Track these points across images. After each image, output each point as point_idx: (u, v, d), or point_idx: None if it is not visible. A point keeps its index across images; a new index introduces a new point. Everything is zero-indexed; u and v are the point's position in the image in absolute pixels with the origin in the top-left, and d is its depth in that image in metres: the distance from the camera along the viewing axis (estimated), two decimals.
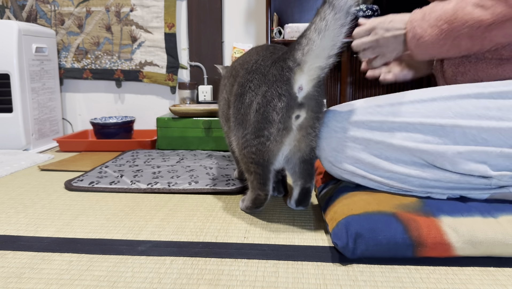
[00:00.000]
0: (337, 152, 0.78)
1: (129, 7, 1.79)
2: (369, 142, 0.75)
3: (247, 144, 0.78)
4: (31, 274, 0.63)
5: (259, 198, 0.83)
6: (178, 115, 1.54)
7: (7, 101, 1.53)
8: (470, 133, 0.71)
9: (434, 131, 0.72)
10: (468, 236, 0.65)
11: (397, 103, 0.75)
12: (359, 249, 0.65)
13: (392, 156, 0.74)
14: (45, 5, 1.82)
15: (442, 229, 0.66)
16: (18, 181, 1.15)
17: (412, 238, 0.65)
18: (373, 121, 0.75)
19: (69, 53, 1.85)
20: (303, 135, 0.78)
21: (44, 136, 1.68)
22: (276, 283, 0.60)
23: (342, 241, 0.66)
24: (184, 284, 0.60)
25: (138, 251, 0.70)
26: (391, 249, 0.65)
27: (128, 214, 0.88)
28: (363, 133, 0.76)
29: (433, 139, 0.72)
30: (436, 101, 0.74)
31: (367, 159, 0.76)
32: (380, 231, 0.66)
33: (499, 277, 0.61)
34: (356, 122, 0.76)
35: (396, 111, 0.75)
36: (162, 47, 1.80)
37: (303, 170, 0.83)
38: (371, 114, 0.76)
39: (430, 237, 0.65)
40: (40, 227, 0.81)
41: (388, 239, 0.65)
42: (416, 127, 0.73)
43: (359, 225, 0.67)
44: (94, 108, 1.93)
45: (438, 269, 0.64)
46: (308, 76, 0.73)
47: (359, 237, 0.66)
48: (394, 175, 0.75)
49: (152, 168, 1.25)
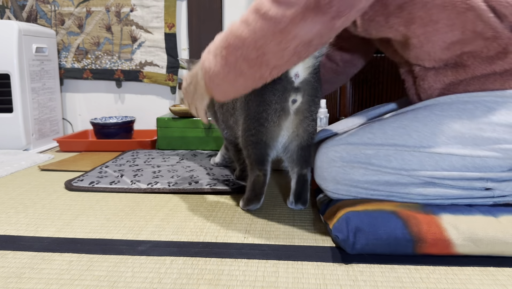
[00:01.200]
0: (338, 181, 0.77)
1: (129, 7, 1.79)
2: (367, 169, 0.75)
3: (248, 128, 0.82)
4: (31, 274, 0.63)
5: (257, 179, 0.84)
6: (178, 115, 1.54)
7: (7, 101, 1.53)
8: (467, 159, 0.71)
9: (430, 157, 0.73)
10: (468, 233, 0.65)
11: (390, 129, 0.76)
12: (359, 243, 0.66)
13: (392, 179, 0.75)
14: (45, 5, 1.82)
15: (442, 225, 0.66)
16: (18, 181, 1.15)
17: (412, 233, 0.65)
18: (368, 149, 0.75)
19: (69, 53, 1.85)
20: (301, 120, 0.82)
21: (44, 136, 1.68)
22: (276, 283, 0.60)
23: (343, 234, 0.67)
24: (184, 284, 0.60)
25: (138, 251, 0.70)
26: (391, 244, 0.66)
27: (128, 214, 0.88)
28: (361, 161, 0.75)
29: (429, 166, 0.73)
30: (427, 126, 0.73)
31: (366, 182, 0.76)
32: (380, 225, 0.67)
33: (499, 277, 0.61)
34: (353, 150, 0.76)
35: (389, 138, 0.75)
36: (162, 47, 1.80)
37: (300, 156, 0.85)
38: (365, 145, 0.76)
39: (430, 233, 0.65)
40: (40, 227, 0.81)
41: (388, 233, 0.66)
42: (412, 154, 0.73)
43: (359, 220, 0.68)
44: (94, 108, 1.93)
45: (438, 269, 0.64)
46: (303, 64, 0.77)
47: (359, 231, 0.66)
48: (394, 194, 0.76)
49: (152, 167, 1.25)
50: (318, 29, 0.60)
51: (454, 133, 0.71)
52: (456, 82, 0.75)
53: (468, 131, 0.70)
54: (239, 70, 0.66)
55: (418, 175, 0.73)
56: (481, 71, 0.72)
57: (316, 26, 0.59)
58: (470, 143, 0.70)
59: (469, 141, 0.70)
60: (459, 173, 0.71)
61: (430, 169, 0.72)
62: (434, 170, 0.72)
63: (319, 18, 0.58)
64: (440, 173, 0.72)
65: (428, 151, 0.72)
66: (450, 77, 0.75)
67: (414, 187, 0.74)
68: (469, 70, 0.72)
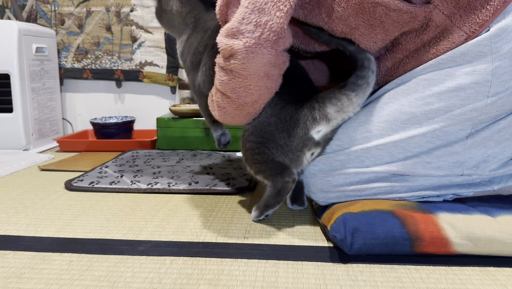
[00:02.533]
0: (324, 191, 0.78)
1: (129, 7, 1.79)
2: (346, 174, 0.76)
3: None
4: (31, 274, 0.63)
5: (286, 186, 0.78)
6: (178, 115, 1.54)
7: (7, 101, 1.53)
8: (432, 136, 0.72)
9: (396, 146, 0.73)
10: (466, 232, 0.65)
11: (351, 130, 0.76)
12: (357, 243, 0.66)
13: (371, 177, 0.75)
14: (45, 5, 1.82)
15: (439, 224, 0.66)
16: (18, 181, 1.15)
17: (410, 232, 0.66)
18: (340, 155, 0.76)
19: (69, 53, 1.85)
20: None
21: (44, 136, 1.68)
22: (276, 283, 0.60)
23: (340, 234, 0.67)
24: (184, 284, 0.60)
25: (138, 251, 0.70)
26: (388, 244, 0.66)
27: (128, 214, 0.88)
28: (337, 168, 0.76)
29: (399, 155, 0.73)
30: (382, 118, 0.74)
31: (350, 184, 0.76)
32: (377, 225, 0.67)
33: (499, 277, 0.61)
34: (328, 160, 0.77)
35: (353, 140, 0.75)
36: (162, 47, 1.80)
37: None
38: (336, 152, 0.76)
39: (427, 231, 0.66)
40: (40, 227, 0.81)
41: (386, 233, 0.66)
42: (379, 148, 0.74)
43: (357, 221, 0.68)
44: (94, 108, 1.93)
45: (438, 269, 0.64)
46: (331, 127, 0.76)
47: (356, 231, 0.67)
48: (380, 190, 0.76)
49: (152, 168, 1.25)
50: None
51: (407, 116, 0.72)
52: (396, 65, 0.76)
53: (418, 109, 0.71)
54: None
55: (390, 169, 0.74)
56: (414, 45, 0.73)
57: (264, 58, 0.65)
58: (425, 119, 0.71)
59: (423, 118, 0.71)
60: (429, 153, 0.72)
61: (401, 158, 0.73)
62: (405, 157, 0.73)
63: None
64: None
65: (391, 141, 0.72)
66: (390, 61, 0.76)
67: (395, 180, 0.74)
68: (403, 48, 0.74)
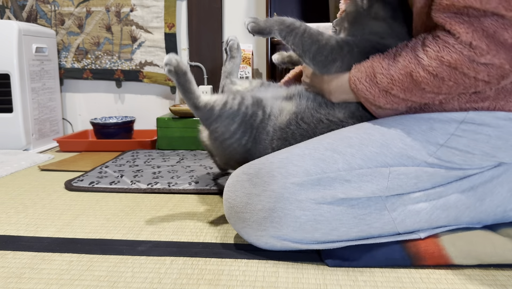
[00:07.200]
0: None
1: (129, 7, 1.79)
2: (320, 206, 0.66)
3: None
4: (31, 274, 0.63)
5: None
6: (178, 115, 1.54)
7: (7, 101, 1.53)
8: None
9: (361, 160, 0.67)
10: (466, 251, 0.64)
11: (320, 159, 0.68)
12: (356, 266, 0.66)
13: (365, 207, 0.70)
14: (45, 5, 1.82)
15: (439, 244, 0.66)
16: (18, 181, 1.15)
17: (410, 254, 0.65)
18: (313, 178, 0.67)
19: (69, 53, 1.85)
20: None
21: (44, 137, 1.68)
22: (276, 283, 0.60)
23: (333, 262, 0.66)
24: (184, 284, 0.60)
25: (138, 251, 0.70)
26: (388, 265, 0.66)
27: (128, 214, 0.88)
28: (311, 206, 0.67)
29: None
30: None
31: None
32: (377, 248, 0.66)
33: (499, 277, 0.61)
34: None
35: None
36: (162, 47, 1.80)
37: None
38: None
39: (428, 253, 0.65)
40: (40, 227, 0.81)
41: (386, 256, 0.65)
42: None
43: (355, 247, 0.66)
44: (94, 108, 1.92)
45: (438, 269, 0.64)
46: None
47: (353, 256, 0.66)
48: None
49: (152, 168, 1.25)
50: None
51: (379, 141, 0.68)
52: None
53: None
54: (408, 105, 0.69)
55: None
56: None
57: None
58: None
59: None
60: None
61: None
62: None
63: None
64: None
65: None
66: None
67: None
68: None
